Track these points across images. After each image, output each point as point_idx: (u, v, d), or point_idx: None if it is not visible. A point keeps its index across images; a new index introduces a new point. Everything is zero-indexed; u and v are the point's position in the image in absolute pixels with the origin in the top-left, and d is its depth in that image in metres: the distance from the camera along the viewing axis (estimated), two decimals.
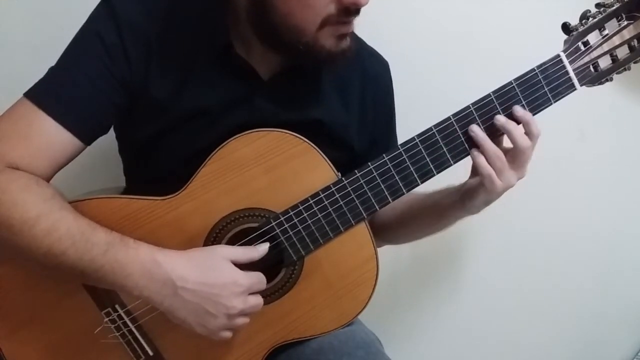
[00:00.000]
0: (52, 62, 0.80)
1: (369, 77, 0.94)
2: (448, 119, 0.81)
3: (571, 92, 0.83)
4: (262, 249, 0.80)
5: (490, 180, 0.80)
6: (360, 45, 0.95)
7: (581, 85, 0.83)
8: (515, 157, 0.80)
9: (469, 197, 0.85)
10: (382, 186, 0.82)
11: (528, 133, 0.80)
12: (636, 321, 1.43)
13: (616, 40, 0.82)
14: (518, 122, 0.80)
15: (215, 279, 0.76)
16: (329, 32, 0.77)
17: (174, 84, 0.82)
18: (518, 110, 0.80)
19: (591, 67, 0.83)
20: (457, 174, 0.87)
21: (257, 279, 0.79)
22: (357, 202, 0.82)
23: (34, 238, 0.71)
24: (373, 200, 0.82)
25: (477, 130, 0.80)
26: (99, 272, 0.73)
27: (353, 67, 0.91)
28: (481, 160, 0.80)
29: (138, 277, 0.74)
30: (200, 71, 0.82)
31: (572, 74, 0.82)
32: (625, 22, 0.81)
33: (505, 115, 0.80)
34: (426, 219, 0.94)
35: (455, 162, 0.83)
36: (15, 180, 0.73)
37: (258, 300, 0.79)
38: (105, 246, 0.73)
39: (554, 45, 0.83)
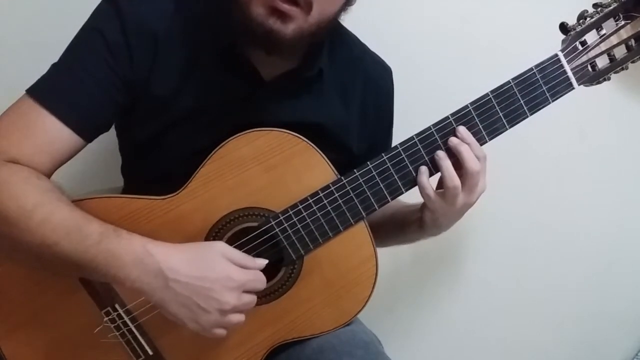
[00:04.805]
0: (54, 59, 0.80)
1: (371, 81, 0.95)
2: (446, 118, 0.82)
3: (569, 91, 0.83)
4: (260, 262, 0.79)
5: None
6: (363, 50, 0.96)
7: (579, 85, 0.83)
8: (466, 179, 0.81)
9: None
10: (381, 185, 0.82)
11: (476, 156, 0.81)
12: (636, 321, 1.43)
13: (614, 40, 0.83)
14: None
15: (208, 272, 0.75)
16: None
17: (175, 82, 0.82)
18: (461, 131, 0.81)
19: (589, 66, 0.83)
20: None
21: (254, 276, 0.78)
22: (356, 201, 0.82)
23: (29, 228, 0.71)
24: (372, 200, 0.82)
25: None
26: (92, 263, 0.72)
27: (356, 71, 0.91)
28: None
29: (130, 269, 0.73)
30: (202, 70, 0.83)
31: (570, 74, 0.82)
32: (623, 22, 0.82)
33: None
34: (391, 230, 0.97)
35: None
36: (16, 173, 0.74)
37: (251, 297, 0.78)
38: (98, 237, 0.73)
39: (552, 45, 0.83)
